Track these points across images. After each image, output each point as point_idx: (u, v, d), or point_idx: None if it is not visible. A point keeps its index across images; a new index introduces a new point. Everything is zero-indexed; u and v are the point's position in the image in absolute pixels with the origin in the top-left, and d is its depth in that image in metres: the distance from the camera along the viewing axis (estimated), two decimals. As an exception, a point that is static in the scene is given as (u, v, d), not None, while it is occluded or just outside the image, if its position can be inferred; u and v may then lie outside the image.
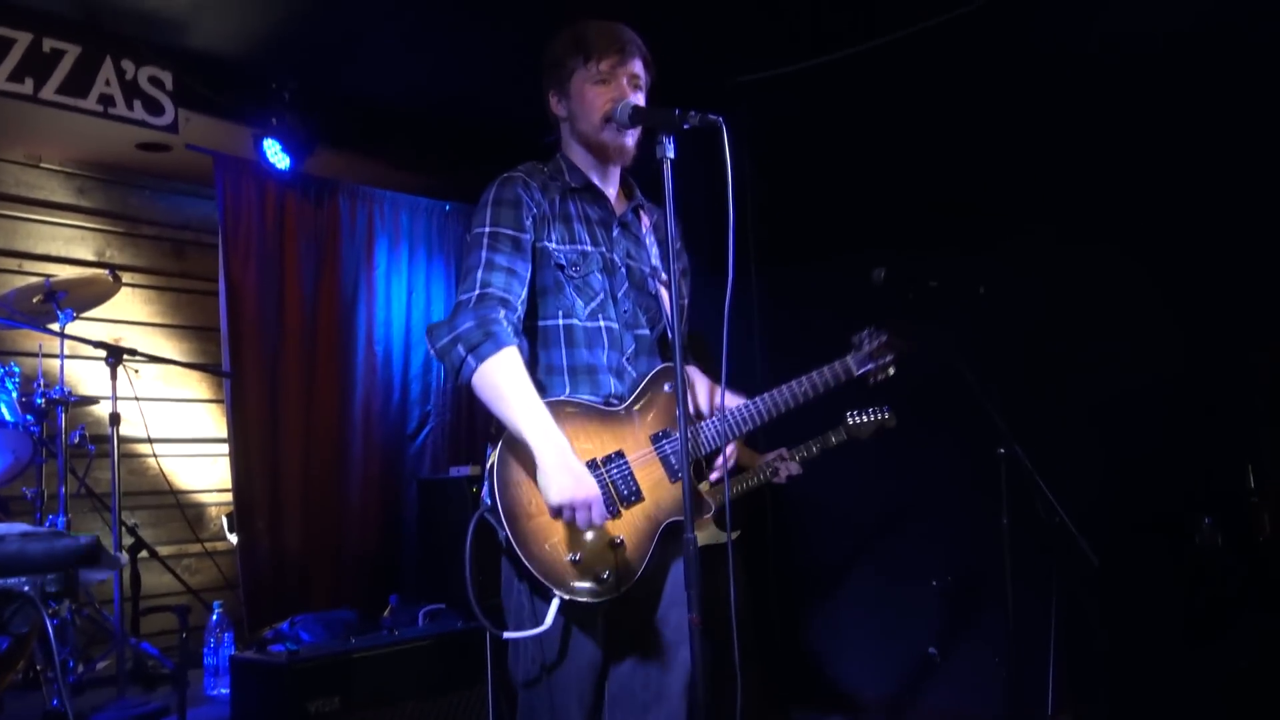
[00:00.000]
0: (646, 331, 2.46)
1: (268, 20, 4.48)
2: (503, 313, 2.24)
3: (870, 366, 2.62)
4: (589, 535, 2.21)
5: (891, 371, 2.67)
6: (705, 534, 3.74)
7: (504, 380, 2.19)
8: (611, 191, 2.51)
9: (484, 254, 2.29)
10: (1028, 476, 3.43)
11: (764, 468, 3.84)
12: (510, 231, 2.32)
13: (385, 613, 4.57)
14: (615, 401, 2.36)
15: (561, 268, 2.37)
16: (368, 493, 5.48)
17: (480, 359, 2.18)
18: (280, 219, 5.28)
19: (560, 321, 2.36)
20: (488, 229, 2.33)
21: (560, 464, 2.15)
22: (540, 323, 2.37)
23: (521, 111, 2.64)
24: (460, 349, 2.19)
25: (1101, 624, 3.61)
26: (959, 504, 4.25)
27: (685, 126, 2.20)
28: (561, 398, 2.30)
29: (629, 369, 2.40)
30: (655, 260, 2.52)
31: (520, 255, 2.32)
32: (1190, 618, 3.36)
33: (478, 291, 2.25)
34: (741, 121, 5.17)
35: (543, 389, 2.30)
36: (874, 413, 3.70)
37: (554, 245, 2.37)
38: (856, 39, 4.74)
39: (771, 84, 5.04)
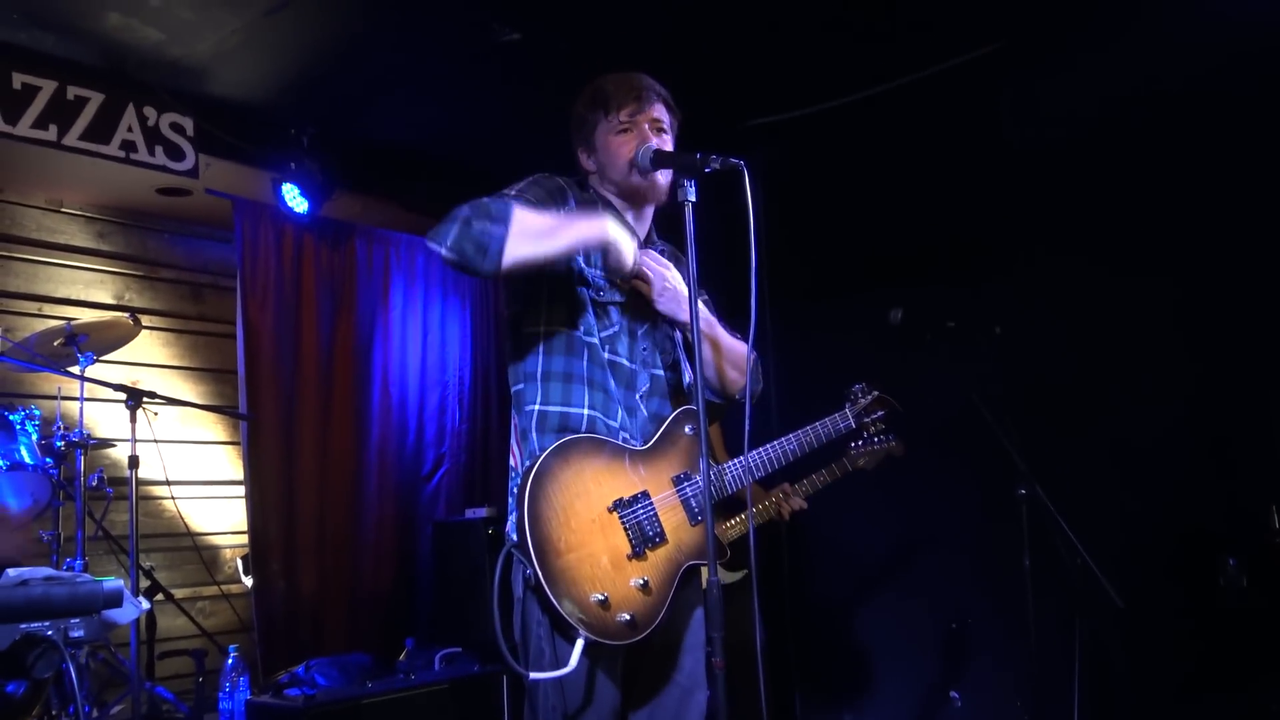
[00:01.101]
0: (660, 371, 2.45)
1: (287, 68, 4.54)
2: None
3: (866, 420, 2.79)
4: (616, 577, 2.19)
5: (883, 426, 2.84)
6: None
7: (534, 221, 2.13)
8: (642, 231, 2.53)
9: (498, 198, 2.19)
10: (1049, 517, 3.41)
11: (768, 506, 3.81)
12: (535, 203, 2.25)
13: (401, 656, 4.54)
14: (631, 440, 2.35)
15: (588, 285, 2.36)
16: (382, 535, 5.47)
17: (506, 223, 2.07)
18: (298, 262, 5.32)
19: (583, 336, 2.33)
20: (513, 191, 2.27)
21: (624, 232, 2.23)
22: (564, 330, 2.33)
23: (534, 155, 2.68)
24: (476, 225, 2.06)
25: (1126, 667, 3.57)
26: (979, 545, 4.22)
27: (707, 170, 2.23)
28: (583, 434, 2.28)
29: (640, 407, 2.39)
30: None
31: None
32: (1217, 660, 3.32)
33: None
34: (754, 164, 5.23)
35: (562, 396, 2.30)
36: (880, 440, 3.52)
37: (583, 260, 2.36)
38: (865, 84, 4.78)
39: (783, 127, 5.09)
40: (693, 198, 2.22)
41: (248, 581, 5.05)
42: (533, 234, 2.12)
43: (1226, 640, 3.46)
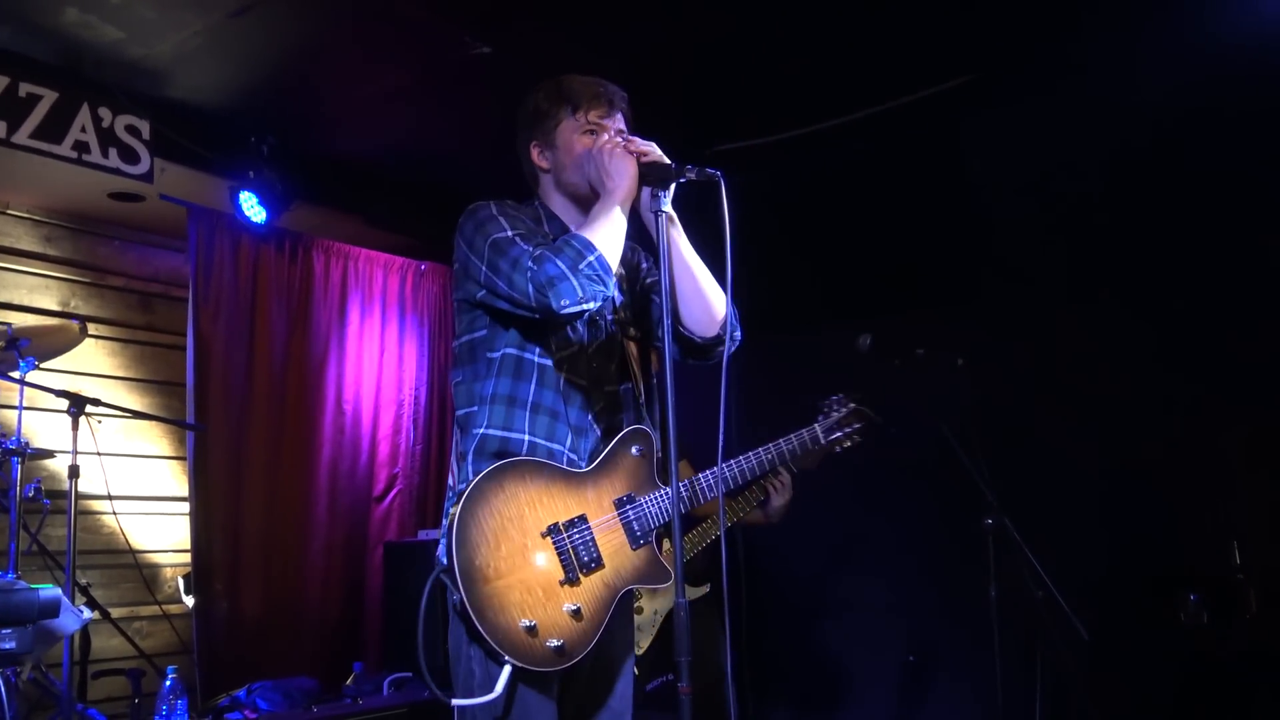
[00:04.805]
0: (615, 388, 2.39)
1: (249, 74, 4.45)
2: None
3: (838, 435, 2.65)
4: (546, 603, 2.14)
5: (859, 439, 2.67)
6: (666, 599, 3.66)
7: (603, 233, 2.18)
8: None
9: (514, 251, 2.19)
10: (1015, 548, 3.38)
11: (743, 501, 3.73)
12: (522, 233, 2.25)
13: (348, 681, 4.43)
14: (577, 462, 2.30)
15: None
16: (331, 556, 5.33)
17: (593, 247, 2.15)
18: (253, 273, 5.20)
19: (535, 358, 2.29)
20: (506, 232, 2.24)
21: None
22: (515, 352, 2.30)
23: (496, 172, 2.63)
24: (584, 268, 2.13)
25: (1088, 700, 3.54)
26: (944, 575, 4.20)
27: (683, 180, 2.19)
28: (522, 457, 2.23)
29: (594, 427, 2.33)
30: (623, 312, 2.46)
31: None
32: (1179, 695, 3.31)
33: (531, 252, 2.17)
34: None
35: (504, 420, 2.25)
36: None
37: None
38: (833, 113, 4.79)
39: (748, 154, 5.07)
40: (668, 209, 2.18)
41: (189, 601, 4.89)
42: (612, 241, 2.19)
43: (1188, 675, 3.45)
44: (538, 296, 2.13)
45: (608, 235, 2.19)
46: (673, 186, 2.20)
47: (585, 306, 2.15)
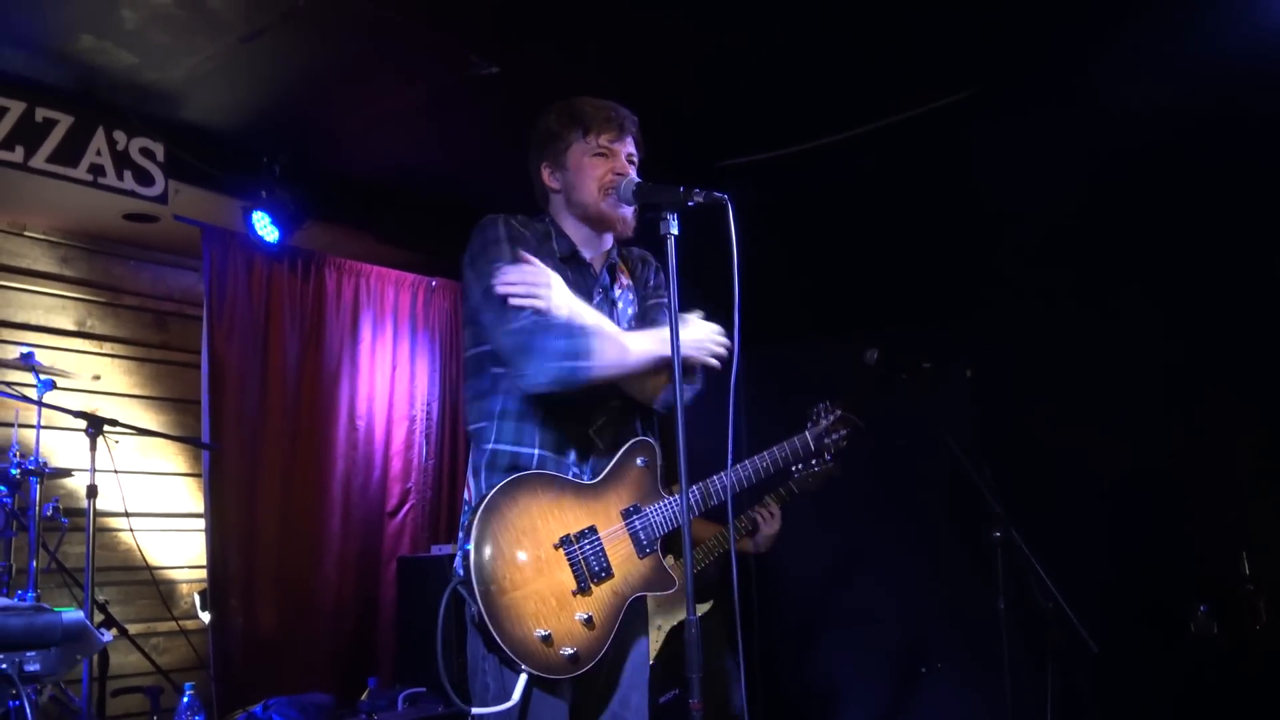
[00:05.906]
0: (619, 401, 2.42)
1: (261, 97, 4.50)
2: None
3: (826, 441, 2.78)
4: (560, 612, 2.19)
5: (844, 445, 2.81)
6: (668, 612, 3.69)
7: (608, 346, 2.23)
8: (601, 249, 2.52)
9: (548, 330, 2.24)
10: (1023, 560, 3.40)
11: (722, 538, 3.74)
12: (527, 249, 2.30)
13: (363, 696, 4.45)
14: (582, 474, 2.35)
15: None
16: (345, 571, 5.36)
17: (588, 354, 2.20)
18: (266, 291, 5.25)
19: None
20: (505, 258, 2.28)
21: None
22: None
23: (506, 190, 2.67)
24: (568, 363, 2.19)
25: (1098, 712, 3.55)
26: (953, 587, 4.20)
27: (690, 204, 2.22)
28: (533, 471, 2.28)
29: (596, 441, 2.37)
30: (629, 324, 2.49)
31: None
32: (1188, 707, 3.31)
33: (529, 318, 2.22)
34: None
35: (514, 435, 2.31)
36: (817, 463, 3.50)
37: None
38: (838, 127, 4.81)
39: (752, 169, 5.10)
40: (675, 231, 2.21)
41: (205, 617, 4.92)
42: (620, 361, 2.26)
43: (1198, 686, 3.46)
44: (517, 345, 2.22)
45: (626, 355, 2.26)
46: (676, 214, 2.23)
47: (549, 389, 2.22)
